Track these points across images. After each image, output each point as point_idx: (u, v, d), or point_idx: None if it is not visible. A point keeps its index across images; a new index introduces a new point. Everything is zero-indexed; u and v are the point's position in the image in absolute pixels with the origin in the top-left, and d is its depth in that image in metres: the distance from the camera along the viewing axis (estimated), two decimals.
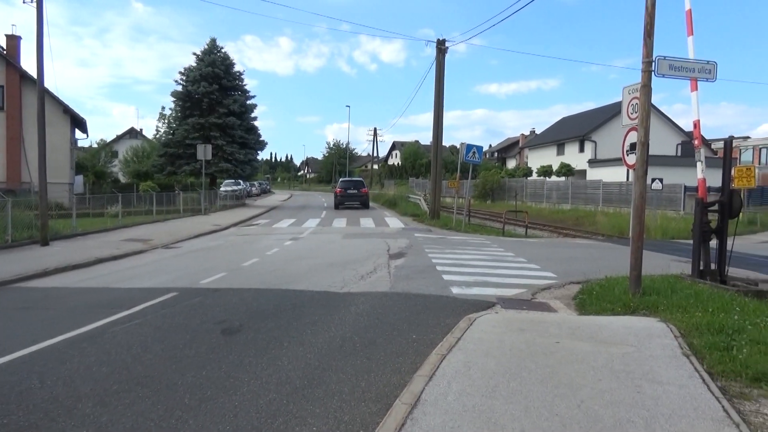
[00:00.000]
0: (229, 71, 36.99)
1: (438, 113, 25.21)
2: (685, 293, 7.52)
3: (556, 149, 51.57)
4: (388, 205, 38.31)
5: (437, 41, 24.74)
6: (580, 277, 9.88)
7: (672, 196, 28.51)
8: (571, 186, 37.48)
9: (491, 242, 16.83)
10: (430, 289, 8.95)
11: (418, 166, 70.97)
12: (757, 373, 4.52)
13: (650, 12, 7.58)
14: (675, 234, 20.83)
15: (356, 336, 6.15)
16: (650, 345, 5.35)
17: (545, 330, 6.01)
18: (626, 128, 8.92)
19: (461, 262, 12.05)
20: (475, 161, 21.73)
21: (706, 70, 8.11)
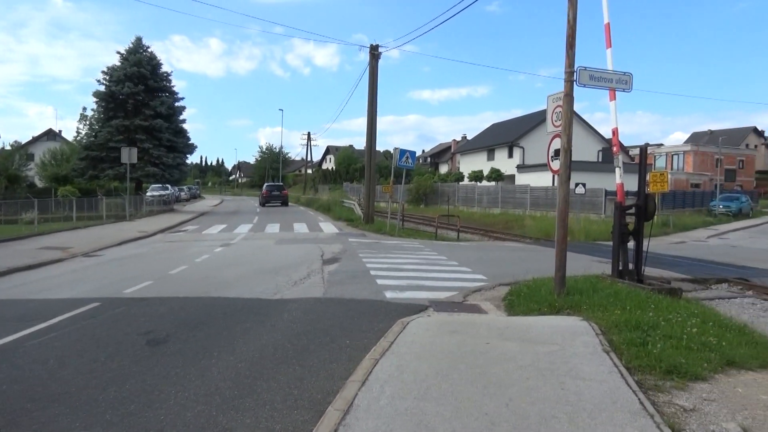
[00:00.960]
0: (155, 71, 35.75)
1: (371, 118, 25.35)
2: (606, 292, 7.89)
3: (486, 155, 53.03)
4: (323, 210, 38.10)
5: (370, 47, 24.89)
6: (509, 279, 10.19)
7: (594, 200, 29.92)
8: (501, 191, 38.62)
9: (424, 246, 17.06)
10: (363, 293, 8.96)
11: (353, 171, 71.05)
12: (670, 366, 4.81)
13: (572, 25, 7.94)
14: (597, 236, 21.88)
15: (289, 343, 6.06)
16: (574, 343, 5.59)
17: (476, 331, 6.15)
18: (551, 135, 9.28)
19: (395, 266, 12.15)
20: (409, 166, 22.00)
21: (623, 81, 8.58)
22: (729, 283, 11.87)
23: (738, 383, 4.69)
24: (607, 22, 9.89)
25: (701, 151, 60.14)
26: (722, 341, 5.59)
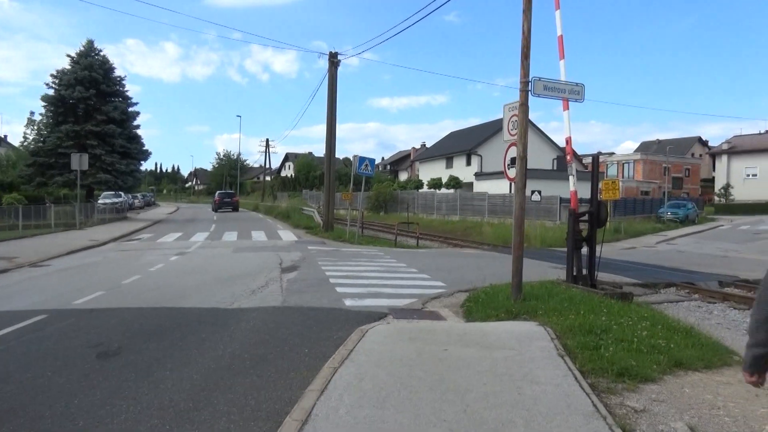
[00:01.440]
0: (108, 76, 34.80)
1: (331, 125, 25.31)
2: (561, 297, 8.08)
3: (445, 162, 53.62)
4: (282, 217, 37.74)
5: (330, 54, 24.89)
6: (468, 286, 10.30)
7: (549, 207, 30.60)
8: (460, 198, 39.08)
9: (384, 253, 17.09)
10: (323, 301, 8.90)
11: (312, 178, 70.68)
12: (621, 368, 4.96)
13: (526, 36, 8.14)
14: (552, 242, 22.36)
15: (246, 353, 5.96)
16: (530, 348, 5.69)
17: (435, 338, 6.19)
18: (507, 143, 9.47)
19: (354, 274, 12.13)
20: (368, 173, 22.04)
21: (575, 91, 8.83)
22: (677, 287, 12.32)
23: (685, 384, 4.86)
24: (560, 34, 10.17)
25: (650, 159, 62.40)
26: (670, 343, 5.79)
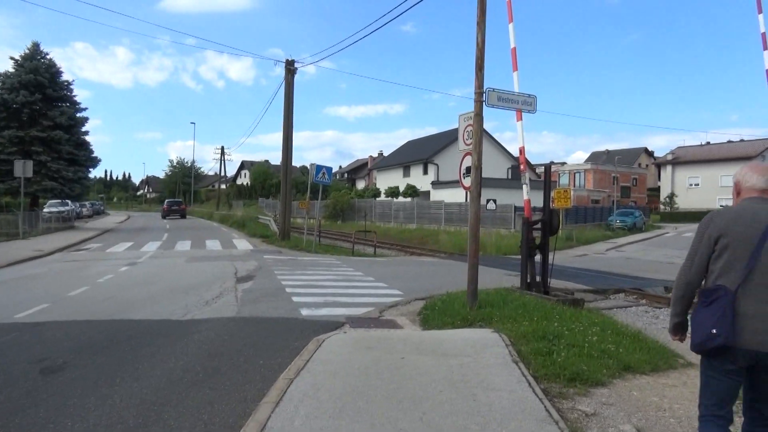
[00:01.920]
0: (55, 80, 33.61)
1: (287, 133, 25.13)
2: (515, 304, 8.22)
3: (402, 171, 53.97)
4: (237, 226, 37.15)
5: (286, 61, 24.76)
6: (425, 294, 10.37)
7: (504, 215, 31.17)
8: (417, 206, 39.38)
9: (341, 262, 17.03)
10: (279, 311, 8.79)
11: (268, 186, 69.89)
12: (573, 373, 5.07)
13: (480, 48, 8.29)
14: (507, 250, 22.77)
15: (199, 365, 5.82)
16: (485, 355, 5.76)
17: (392, 347, 6.19)
18: (462, 153, 9.61)
19: (311, 283, 12.03)
20: (325, 182, 21.95)
21: (528, 102, 9.04)
22: (625, 293, 12.73)
23: (633, 387, 5.02)
24: (513, 46, 10.42)
25: (600, 169, 64.45)
26: (619, 348, 5.97)
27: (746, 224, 2.83)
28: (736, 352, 2.77)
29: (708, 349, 2.82)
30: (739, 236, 2.82)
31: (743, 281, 2.78)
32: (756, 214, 2.84)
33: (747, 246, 2.79)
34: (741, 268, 2.79)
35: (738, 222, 2.85)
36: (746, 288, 2.77)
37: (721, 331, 2.74)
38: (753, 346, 2.74)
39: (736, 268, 2.80)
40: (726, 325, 2.74)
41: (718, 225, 2.89)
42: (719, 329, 2.75)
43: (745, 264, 2.78)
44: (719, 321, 2.76)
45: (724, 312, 2.76)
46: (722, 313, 2.76)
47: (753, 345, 2.74)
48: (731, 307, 2.76)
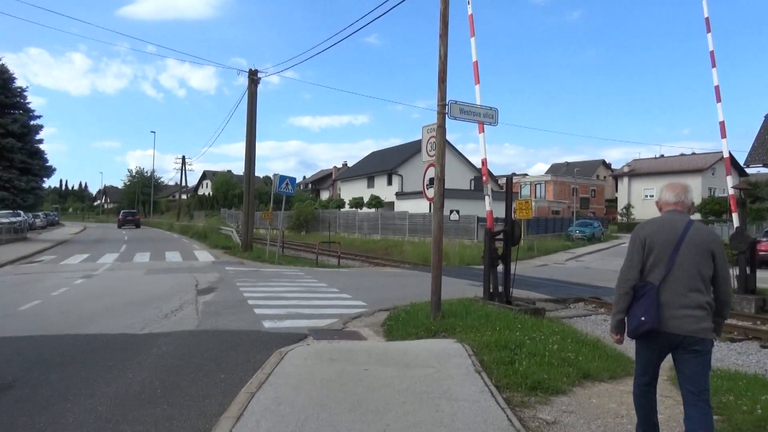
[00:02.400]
0: (7, 86, 32.56)
1: (250, 143, 24.89)
2: (478, 314, 8.29)
3: (366, 182, 54.09)
4: (198, 237, 36.49)
5: (249, 71, 24.58)
6: (389, 305, 10.36)
7: (467, 226, 31.51)
8: (381, 217, 39.46)
9: (305, 273, 16.90)
10: (240, 324, 8.65)
11: (231, 197, 68.92)
12: (534, 382, 5.14)
13: (443, 61, 8.40)
14: (470, 260, 22.99)
15: (157, 380, 5.66)
16: (448, 365, 5.78)
17: (355, 358, 6.16)
18: (426, 164, 9.69)
19: (274, 294, 11.89)
20: (289, 192, 21.80)
21: (489, 115, 9.19)
22: (585, 301, 13.00)
23: (592, 394, 5.11)
24: (475, 60, 10.60)
25: (560, 181, 65.88)
26: (579, 356, 6.08)
27: (666, 231, 3.50)
28: (659, 334, 3.41)
29: (639, 333, 3.44)
30: (661, 241, 3.47)
31: (664, 277, 3.42)
32: (673, 224, 3.53)
33: (667, 249, 3.44)
34: (663, 266, 3.43)
35: (660, 230, 3.53)
36: (666, 283, 3.41)
37: (648, 319, 3.37)
38: (671, 330, 3.38)
39: (660, 267, 3.45)
40: (652, 314, 3.37)
41: (646, 232, 3.55)
42: (647, 317, 3.38)
43: (666, 263, 3.43)
44: (647, 310, 3.39)
45: (650, 303, 3.39)
46: (649, 304, 3.39)
47: (671, 329, 3.38)
48: (656, 299, 3.39)
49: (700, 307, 3.38)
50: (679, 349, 3.43)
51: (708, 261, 3.43)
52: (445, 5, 8.38)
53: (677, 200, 3.64)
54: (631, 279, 3.51)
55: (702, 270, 3.42)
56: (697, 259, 3.42)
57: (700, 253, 3.43)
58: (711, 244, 3.45)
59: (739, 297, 12.60)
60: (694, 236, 3.45)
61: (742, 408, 4.45)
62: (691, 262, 3.41)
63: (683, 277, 3.40)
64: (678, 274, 3.41)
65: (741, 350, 8.88)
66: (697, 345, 3.37)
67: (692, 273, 3.40)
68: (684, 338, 3.36)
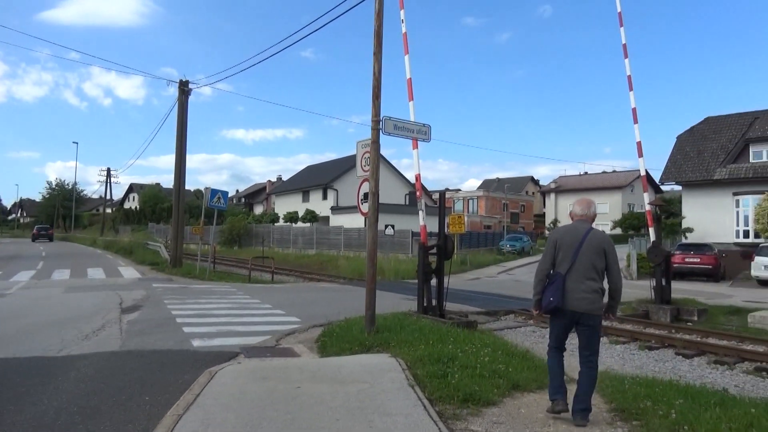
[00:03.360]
0: None
1: (180, 155, 24.15)
2: (412, 328, 8.34)
3: (301, 196, 53.65)
4: (124, 253, 34.91)
5: (180, 82, 23.93)
6: (323, 320, 10.24)
7: (402, 240, 31.82)
8: (316, 232, 39.19)
9: (237, 290, 16.50)
10: (168, 343, 8.31)
11: (160, 211, 66.51)
12: (466, 394, 5.22)
13: (377, 77, 8.50)
14: (405, 274, 23.20)
15: (75, 406, 5.34)
16: (382, 380, 5.78)
17: (288, 376, 6.05)
18: (360, 179, 9.74)
19: (204, 312, 11.52)
20: (221, 206, 21.31)
21: (422, 131, 9.36)
22: (515, 314, 13.38)
23: (522, 404, 5.25)
24: (409, 77, 10.81)
25: (491, 196, 67.79)
26: (509, 367, 6.23)
27: (572, 235, 4.65)
28: (564, 311, 4.56)
29: (550, 309, 4.62)
30: (567, 243, 4.61)
31: (569, 269, 4.56)
32: (577, 230, 4.69)
33: (572, 248, 4.58)
34: (568, 261, 4.57)
35: (567, 234, 4.69)
36: (570, 274, 4.55)
37: (555, 299, 4.54)
38: (571, 308, 4.54)
39: (566, 261, 4.58)
40: (558, 295, 4.53)
41: (557, 236, 4.73)
42: (554, 298, 4.55)
43: (570, 259, 4.56)
44: (555, 293, 4.55)
45: (558, 288, 4.54)
46: (556, 288, 4.55)
47: (571, 307, 4.54)
48: (562, 285, 4.53)
49: (594, 291, 4.52)
50: (579, 324, 4.59)
51: (601, 257, 4.55)
52: (379, 23, 8.50)
53: (583, 213, 4.80)
54: (546, 269, 4.71)
55: (596, 264, 4.54)
56: (593, 256, 4.54)
57: (596, 251, 4.54)
58: (603, 245, 4.59)
59: (656, 307, 13.36)
60: (592, 239, 4.57)
61: (658, 413, 4.69)
62: (588, 258, 4.53)
63: (582, 269, 4.52)
64: (578, 267, 4.52)
65: (658, 358, 9.39)
66: (590, 320, 4.56)
67: (588, 266, 4.52)
68: (581, 314, 4.53)
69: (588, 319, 4.55)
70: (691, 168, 27.85)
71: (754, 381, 7.95)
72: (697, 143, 28.86)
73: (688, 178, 27.68)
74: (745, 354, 9.29)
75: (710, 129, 29.37)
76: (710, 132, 29.13)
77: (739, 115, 29.29)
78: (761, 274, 20.25)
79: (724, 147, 27.57)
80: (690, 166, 27.98)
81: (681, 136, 30.20)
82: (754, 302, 15.46)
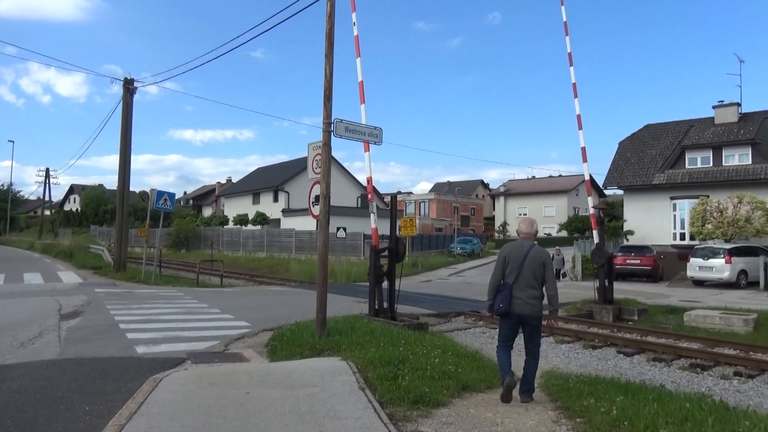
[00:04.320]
0: None
1: (125, 156, 23.38)
2: (363, 331, 8.35)
3: (252, 198, 52.84)
4: (64, 256, 33.45)
5: (125, 80, 23.17)
6: (273, 324, 10.13)
7: (354, 243, 31.79)
8: (267, 234, 38.68)
9: (184, 294, 16.09)
10: (110, 351, 8.01)
11: (103, 213, 64.09)
12: (416, 396, 5.26)
13: (329, 79, 8.47)
14: (357, 277, 23.17)
15: (9, 419, 5.07)
16: (333, 383, 5.75)
17: (236, 381, 5.94)
18: (311, 181, 9.68)
19: (149, 317, 11.18)
20: (167, 209, 20.72)
21: (374, 134, 9.38)
22: (465, 315, 13.58)
23: (470, 405, 5.32)
24: (360, 80, 10.82)
25: (442, 199, 68.61)
26: (459, 368, 6.32)
27: (517, 251, 5.44)
28: (511, 314, 5.37)
29: (500, 313, 5.41)
30: (514, 257, 5.40)
31: (515, 280, 5.34)
32: (522, 246, 5.47)
33: (517, 262, 5.36)
34: (515, 273, 5.36)
35: (514, 250, 5.48)
36: (516, 284, 5.34)
37: (504, 304, 5.33)
38: (517, 311, 5.34)
39: (513, 273, 5.37)
40: (506, 301, 5.33)
41: (506, 251, 5.53)
42: (503, 304, 5.33)
43: (516, 271, 5.36)
44: (503, 299, 5.34)
45: (506, 295, 5.34)
46: (505, 295, 5.35)
47: (517, 310, 5.34)
48: (510, 293, 5.34)
49: (535, 298, 5.36)
50: (523, 324, 5.44)
51: (540, 269, 5.36)
52: (331, 25, 8.48)
53: (527, 231, 5.58)
54: (497, 280, 5.48)
55: (537, 275, 5.35)
56: (535, 269, 5.34)
57: (537, 265, 5.34)
58: (543, 259, 5.39)
59: (599, 307, 13.81)
60: (533, 254, 5.37)
61: (600, 410, 4.85)
62: (531, 270, 5.33)
63: (525, 279, 5.32)
64: (522, 278, 5.32)
65: (601, 356, 9.72)
66: (532, 321, 5.43)
67: (530, 277, 5.32)
68: (525, 317, 5.37)
69: (531, 320, 5.43)
70: (631, 173, 28.97)
71: (689, 377, 8.34)
72: (638, 149, 30.07)
73: (629, 183, 28.78)
74: (681, 351, 9.73)
75: (650, 136, 30.64)
76: (650, 138, 30.40)
77: (676, 123, 30.69)
78: (696, 274, 21.26)
79: (663, 153, 28.83)
80: (631, 171, 29.10)
81: (623, 142, 31.38)
82: (690, 301, 16.22)
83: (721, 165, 26.41)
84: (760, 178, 24.55)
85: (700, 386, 7.65)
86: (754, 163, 25.40)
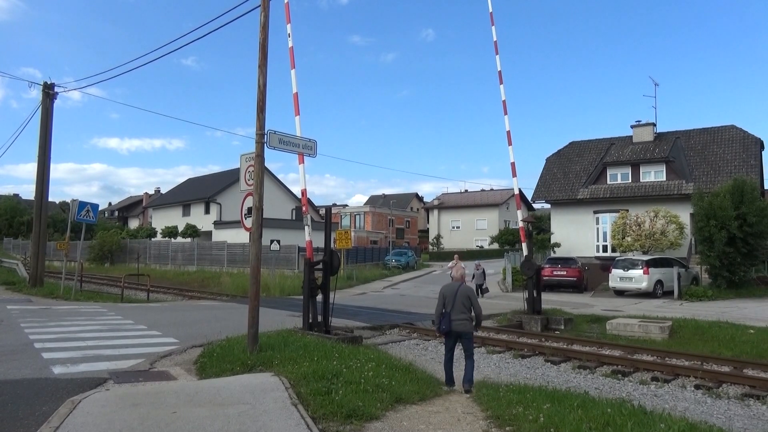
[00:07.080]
0: None
1: (44, 164, 22.09)
2: (296, 345, 8.23)
3: (182, 210, 51.15)
4: None
5: (44, 84, 21.97)
6: (203, 340, 9.78)
7: (288, 256, 31.34)
8: (197, 247, 37.51)
9: (108, 310, 15.31)
10: (23, 372, 7.49)
11: (18, 225, 60.13)
12: (350, 410, 5.22)
13: (262, 90, 8.37)
14: (291, 291, 22.84)
15: None
16: (264, 400, 5.62)
17: (162, 401, 5.69)
18: (244, 193, 9.48)
19: (68, 335, 10.55)
20: (90, 220, 19.73)
21: (308, 146, 9.33)
22: (399, 328, 13.64)
23: (404, 417, 5.34)
24: (295, 91, 10.75)
25: (378, 212, 68.92)
26: (393, 381, 6.34)
27: (451, 290, 7.21)
28: (451, 333, 7.09)
29: (443, 332, 7.19)
30: (449, 294, 7.16)
31: (451, 309, 7.07)
32: (454, 286, 7.26)
33: (451, 297, 7.12)
34: (450, 304, 7.11)
35: (448, 289, 7.25)
36: (452, 311, 7.06)
37: (445, 326, 7.07)
38: (455, 330, 7.04)
39: (450, 304, 7.11)
40: (447, 324, 7.05)
41: (445, 291, 7.26)
42: (445, 325, 7.08)
43: (451, 303, 7.09)
44: (445, 323, 7.07)
45: (447, 320, 7.07)
46: (446, 320, 7.07)
47: (455, 330, 7.04)
48: (449, 318, 7.06)
49: (466, 319, 7.08)
50: (460, 338, 7.15)
51: (467, 299, 7.12)
52: (265, 36, 8.40)
53: (457, 275, 7.45)
54: (440, 310, 7.21)
55: (465, 304, 7.10)
56: (463, 300, 7.10)
57: (464, 297, 7.10)
58: (468, 293, 7.18)
59: (528, 317, 14.25)
60: (461, 291, 7.14)
61: (528, 417, 4.99)
62: (461, 301, 7.09)
63: (458, 308, 7.06)
64: (456, 307, 7.07)
65: (529, 365, 10.01)
66: (466, 335, 7.15)
67: (461, 306, 7.07)
68: (460, 333, 7.08)
69: (465, 335, 7.20)
70: (558, 188, 30.24)
71: (611, 383, 8.73)
72: (564, 165, 31.44)
73: (555, 197, 30.02)
74: (604, 359, 10.18)
75: (574, 152, 32.13)
76: (574, 155, 31.87)
77: (598, 140, 32.35)
78: (617, 284, 22.35)
79: (586, 169, 30.29)
80: (557, 186, 30.38)
81: (550, 158, 32.72)
82: (612, 311, 17.03)
83: (639, 181, 28.01)
84: (674, 194, 26.21)
85: (621, 392, 8.02)
86: (668, 180, 27.09)
